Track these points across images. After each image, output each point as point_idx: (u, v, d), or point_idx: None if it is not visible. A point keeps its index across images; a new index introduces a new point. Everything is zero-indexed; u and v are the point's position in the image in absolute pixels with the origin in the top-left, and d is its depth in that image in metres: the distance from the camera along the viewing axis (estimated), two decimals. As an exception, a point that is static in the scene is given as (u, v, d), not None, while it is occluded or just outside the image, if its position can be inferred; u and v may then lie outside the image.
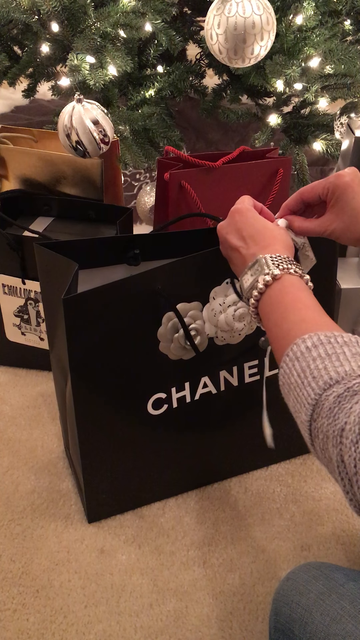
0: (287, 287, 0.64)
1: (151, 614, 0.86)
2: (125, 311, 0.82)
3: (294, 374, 0.56)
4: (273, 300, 0.64)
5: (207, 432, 0.99)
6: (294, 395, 0.56)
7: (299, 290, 0.64)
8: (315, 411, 0.53)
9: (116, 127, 1.41)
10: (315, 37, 1.36)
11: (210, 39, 1.18)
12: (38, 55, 1.51)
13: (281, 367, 0.59)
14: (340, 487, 0.52)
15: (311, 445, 0.55)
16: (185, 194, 1.15)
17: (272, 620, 0.70)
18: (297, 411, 0.56)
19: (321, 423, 0.52)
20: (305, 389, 0.55)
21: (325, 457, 0.53)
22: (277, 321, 0.63)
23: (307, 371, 0.55)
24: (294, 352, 0.57)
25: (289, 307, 0.62)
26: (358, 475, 0.48)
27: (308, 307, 0.62)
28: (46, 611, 0.86)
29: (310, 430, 0.54)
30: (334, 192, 0.74)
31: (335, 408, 0.51)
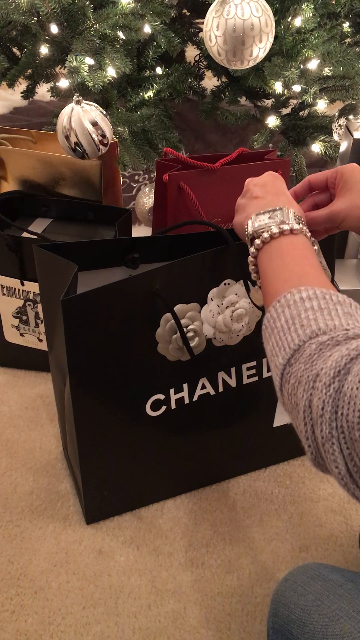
0: (299, 244, 0.64)
1: (149, 615, 0.86)
2: (124, 312, 0.82)
3: (282, 319, 0.56)
4: (282, 248, 0.64)
5: (206, 433, 0.99)
6: (276, 338, 0.56)
7: (308, 250, 0.64)
8: (294, 356, 0.53)
9: (115, 128, 1.41)
10: (313, 39, 1.36)
11: (209, 40, 1.18)
12: (37, 57, 1.51)
13: (269, 311, 0.59)
14: (302, 434, 0.51)
15: (279, 390, 0.55)
16: (184, 196, 1.15)
17: (271, 621, 0.70)
18: (274, 354, 0.56)
19: (297, 368, 0.53)
20: (290, 334, 0.55)
21: (292, 402, 0.53)
22: (278, 267, 0.63)
23: (296, 319, 0.55)
24: (286, 299, 0.57)
25: (295, 259, 0.63)
26: (324, 417, 0.48)
27: (312, 265, 0.62)
28: (44, 612, 0.86)
29: (283, 375, 0.54)
30: (342, 175, 0.76)
31: (315, 355, 0.51)
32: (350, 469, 0.47)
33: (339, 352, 0.50)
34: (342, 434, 0.47)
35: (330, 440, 0.48)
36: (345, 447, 0.47)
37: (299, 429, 0.52)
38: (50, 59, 1.50)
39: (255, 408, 0.99)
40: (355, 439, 0.46)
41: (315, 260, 0.63)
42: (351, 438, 0.46)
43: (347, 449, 0.47)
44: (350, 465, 0.47)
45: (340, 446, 0.47)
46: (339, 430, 0.47)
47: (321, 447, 0.49)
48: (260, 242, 0.66)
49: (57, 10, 1.31)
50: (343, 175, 0.76)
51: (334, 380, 0.48)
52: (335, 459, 0.48)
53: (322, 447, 0.49)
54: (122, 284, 0.80)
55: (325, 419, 0.48)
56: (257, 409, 1.00)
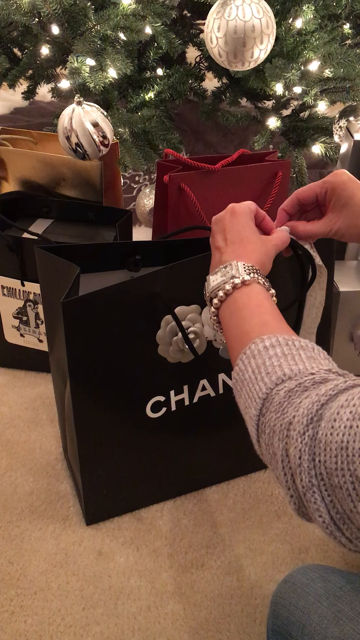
0: (253, 293, 0.65)
1: (149, 617, 0.86)
2: (124, 314, 0.82)
3: (249, 370, 0.57)
4: (238, 303, 0.65)
5: (206, 435, 0.99)
6: (246, 390, 0.56)
7: (264, 298, 0.65)
8: (265, 405, 0.53)
9: (116, 129, 1.41)
10: (314, 40, 1.36)
11: (210, 42, 1.18)
12: (38, 58, 1.51)
13: (236, 365, 0.59)
14: (282, 484, 0.51)
15: (257, 442, 0.55)
16: (185, 197, 1.15)
17: (270, 622, 0.70)
18: (247, 407, 0.56)
19: (269, 417, 0.52)
20: (257, 384, 0.55)
21: (270, 452, 0.52)
22: (238, 322, 0.63)
23: (261, 367, 0.56)
24: (251, 350, 0.58)
25: (252, 311, 0.63)
26: (302, 467, 0.48)
27: (270, 313, 0.63)
28: (44, 613, 0.86)
29: (258, 425, 0.54)
30: (334, 190, 0.74)
31: (285, 402, 0.51)
32: (333, 517, 0.47)
33: (309, 399, 0.49)
34: (322, 481, 0.47)
35: (311, 490, 0.47)
36: (326, 495, 0.47)
37: (279, 479, 0.51)
38: (51, 60, 1.50)
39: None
40: (335, 485, 0.45)
41: (272, 307, 0.64)
42: (331, 484, 0.46)
43: (328, 496, 0.47)
44: (333, 513, 0.47)
45: (321, 494, 0.47)
46: (319, 477, 0.47)
47: (303, 496, 0.48)
48: (217, 302, 0.67)
49: (58, 11, 1.31)
50: (334, 190, 0.74)
51: (308, 427, 0.48)
52: (318, 507, 0.47)
53: (304, 497, 0.48)
54: (123, 286, 0.81)
55: (303, 467, 0.48)
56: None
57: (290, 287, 0.91)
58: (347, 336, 1.20)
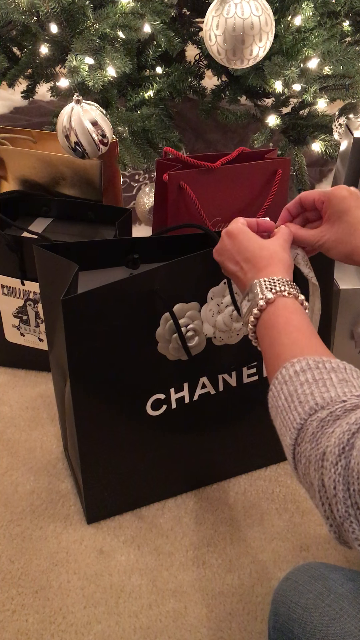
0: (279, 310, 0.65)
1: (150, 615, 0.86)
2: (124, 312, 0.82)
3: (282, 397, 0.57)
4: (266, 324, 0.65)
5: (206, 432, 0.99)
6: (281, 418, 0.57)
7: (292, 313, 0.64)
8: (300, 436, 0.54)
9: (115, 128, 1.41)
10: (314, 38, 1.36)
11: (209, 40, 1.18)
12: (37, 57, 1.51)
13: (270, 390, 0.60)
14: (321, 513, 0.51)
15: (294, 469, 0.55)
16: (184, 195, 1.15)
17: (271, 620, 0.70)
18: (283, 434, 0.57)
19: (304, 447, 0.53)
20: (291, 413, 0.55)
21: (307, 482, 0.53)
22: (270, 343, 0.64)
23: (294, 395, 0.56)
24: (282, 375, 0.58)
25: (281, 330, 0.63)
26: (337, 497, 0.48)
27: (299, 329, 0.62)
28: (45, 612, 0.86)
29: (294, 455, 0.55)
30: (330, 202, 0.74)
31: (318, 433, 0.52)
32: None
33: (340, 428, 0.50)
34: (359, 510, 0.47)
35: (348, 519, 0.48)
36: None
37: (318, 508, 0.52)
38: (50, 59, 1.50)
39: (256, 407, 0.99)
40: None
41: (300, 321, 0.63)
42: None
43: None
44: None
45: (359, 523, 0.47)
46: (354, 507, 0.47)
47: (341, 526, 0.49)
48: (251, 327, 0.67)
49: (57, 9, 1.31)
50: (331, 202, 0.74)
51: (340, 457, 0.48)
52: (357, 537, 0.48)
53: (342, 527, 0.49)
54: (122, 283, 0.80)
55: (339, 498, 0.48)
56: (257, 408, 0.99)
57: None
58: (348, 334, 1.20)
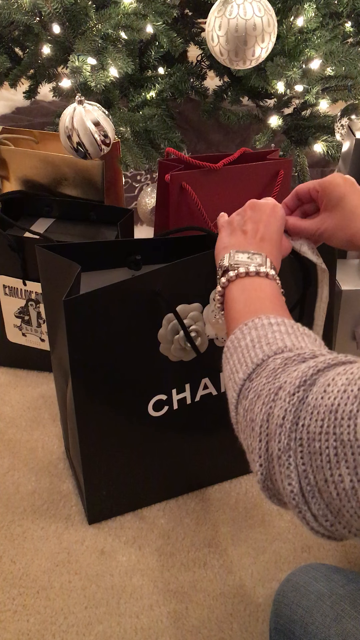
0: (272, 287, 0.65)
1: (151, 615, 0.86)
2: (126, 313, 0.82)
3: (247, 338, 0.56)
4: (254, 284, 0.65)
5: (208, 433, 0.99)
6: (239, 356, 0.55)
7: (278, 295, 0.65)
8: (256, 371, 0.52)
9: (117, 128, 1.41)
10: (316, 38, 1.36)
11: (211, 40, 1.18)
12: (39, 57, 1.51)
13: (233, 333, 0.58)
14: (253, 453, 0.49)
15: (234, 408, 0.54)
16: (186, 196, 1.15)
17: (273, 621, 0.70)
18: (234, 372, 0.55)
19: (258, 382, 0.51)
20: (254, 350, 0.54)
21: (247, 419, 0.51)
22: (248, 300, 0.63)
23: (262, 339, 0.55)
24: (254, 322, 0.57)
25: (267, 297, 0.63)
26: (283, 427, 0.46)
27: (282, 307, 0.63)
28: (46, 612, 0.86)
29: (241, 390, 0.53)
30: (325, 190, 0.75)
31: (279, 369, 0.50)
32: (303, 487, 0.45)
33: (306, 364, 0.48)
34: (301, 446, 0.45)
35: (287, 453, 0.46)
36: (301, 463, 0.45)
37: (251, 447, 0.50)
38: (52, 59, 1.50)
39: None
40: (314, 451, 0.44)
41: (284, 306, 0.64)
42: (309, 451, 0.44)
43: (302, 464, 0.45)
44: (304, 483, 0.45)
45: (296, 460, 0.45)
46: (298, 442, 0.45)
47: (275, 461, 0.47)
48: (234, 275, 0.66)
49: (59, 10, 1.31)
50: (326, 190, 0.74)
51: (299, 389, 0.47)
52: (289, 474, 0.46)
53: (277, 461, 0.46)
54: (124, 284, 0.80)
55: (285, 428, 0.46)
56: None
57: (292, 287, 0.91)
58: (349, 334, 1.20)
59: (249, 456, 0.51)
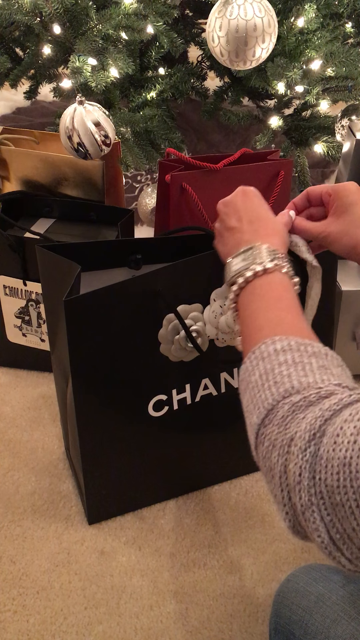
0: (274, 284, 0.63)
1: (151, 616, 0.86)
2: (126, 313, 0.82)
3: (256, 373, 0.55)
4: (256, 292, 0.63)
5: (208, 434, 0.99)
6: (251, 395, 0.55)
7: (285, 290, 0.62)
8: (268, 417, 0.52)
9: (117, 128, 1.41)
10: (316, 39, 1.36)
11: (211, 41, 1.18)
12: (40, 57, 1.51)
13: (244, 363, 0.57)
14: (277, 501, 0.49)
15: (254, 449, 0.54)
16: (187, 196, 1.15)
17: (273, 622, 0.70)
18: (249, 411, 0.54)
19: (271, 430, 0.51)
20: (264, 392, 0.53)
21: (267, 465, 0.51)
22: (253, 314, 0.61)
23: (270, 374, 0.53)
24: (261, 351, 0.55)
25: (270, 304, 0.61)
26: (302, 484, 0.46)
27: (289, 308, 0.60)
28: (46, 612, 0.86)
29: (257, 435, 0.53)
30: (337, 194, 0.74)
31: (288, 417, 0.50)
32: (333, 537, 0.45)
33: (312, 414, 0.48)
34: (322, 499, 0.45)
35: (310, 509, 0.45)
36: (326, 514, 0.45)
37: (274, 495, 0.50)
38: (53, 60, 1.50)
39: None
40: (336, 504, 0.44)
41: (292, 300, 0.61)
42: (332, 503, 0.44)
43: (327, 515, 0.45)
44: (332, 532, 0.45)
45: (321, 513, 0.45)
46: (318, 496, 0.45)
47: (300, 515, 0.47)
48: (237, 288, 0.64)
49: (60, 10, 1.31)
50: (338, 194, 0.74)
51: (310, 444, 0.46)
52: (317, 527, 0.45)
53: (302, 516, 0.46)
54: (125, 284, 0.80)
55: (303, 485, 0.46)
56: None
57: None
58: (349, 335, 1.20)
59: (274, 500, 0.51)
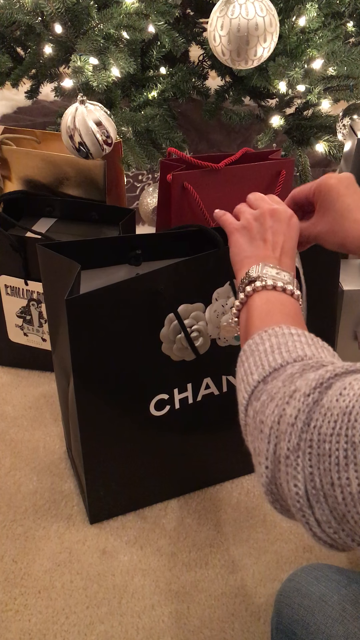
0: (290, 302, 0.63)
1: (153, 615, 0.86)
2: (128, 312, 0.82)
3: (266, 344, 0.54)
4: (282, 299, 0.63)
5: (209, 433, 0.99)
6: (255, 359, 0.54)
7: (298, 311, 0.63)
8: (272, 374, 0.51)
9: (119, 128, 1.41)
10: (318, 38, 1.36)
11: (213, 40, 1.18)
12: (41, 57, 1.51)
13: (252, 338, 0.57)
14: (260, 456, 0.48)
15: (244, 409, 0.53)
16: (188, 196, 1.15)
17: (274, 621, 0.70)
18: (248, 373, 0.54)
19: (273, 385, 0.50)
20: (272, 355, 0.53)
21: (256, 421, 0.50)
22: (272, 310, 0.61)
23: (282, 346, 0.53)
24: (274, 330, 0.55)
25: (284, 312, 0.61)
26: (295, 426, 0.45)
27: (303, 325, 0.61)
28: (48, 612, 0.86)
29: (253, 392, 0.52)
30: (319, 192, 0.72)
31: (297, 374, 0.49)
32: (308, 491, 0.44)
33: (323, 370, 0.48)
34: (310, 447, 0.44)
35: (296, 452, 0.45)
36: (308, 465, 0.44)
37: (258, 449, 0.49)
38: (54, 59, 1.50)
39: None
40: (323, 453, 0.43)
41: (303, 320, 0.62)
42: (318, 453, 0.44)
43: (310, 466, 0.44)
44: (309, 486, 0.44)
45: (304, 462, 0.45)
46: (308, 443, 0.45)
47: (283, 462, 0.46)
48: (260, 286, 0.63)
49: (61, 10, 1.31)
50: (320, 193, 0.72)
51: (314, 390, 0.46)
52: (296, 474, 0.45)
53: (285, 461, 0.46)
54: (126, 283, 0.80)
55: (296, 427, 0.46)
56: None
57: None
58: (351, 335, 1.20)
59: (255, 459, 0.50)
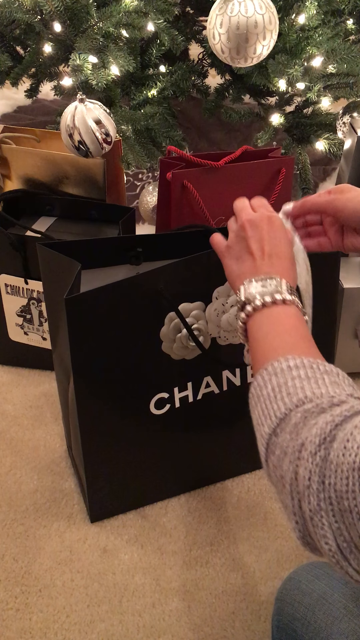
0: (290, 314, 0.63)
1: (153, 614, 0.86)
2: (128, 311, 0.82)
3: (269, 387, 0.55)
4: (273, 317, 0.63)
5: (210, 432, 0.99)
6: (262, 407, 0.55)
7: (299, 321, 0.63)
8: (280, 425, 0.52)
9: (119, 126, 1.41)
10: (317, 36, 1.36)
11: (212, 38, 1.18)
12: (40, 55, 1.51)
13: (255, 379, 0.58)
14: (287, 511, 0.49)
15: (265, 461, 0.54)
16: (188, 194, 1.15)
17: (275, 619, 0.70)
18: (260, 424, 0.55)
19: (282, 438, 0.51)
20: (276, 403, 0.53)
21: (277, 475, 0.51)
22: (268, 335, 0.62)
23: (283, 387, 0.54)
24: (274, 367, 0.56)
25: (287, 329, 0.62)
26: (311, 489, 0.46)
27: (302, 336, 0.61)
28: (49, 610, 0.86)
29: (268, 445, 0.53)
30: (340, 219, 0.72)
31: (300, 424, 0.50)
32: (340, 545, 0.45)
33: (323, 419, 0.48)
34: (331, 505, 0.45)
35: (318, 513, 0.45)
36: (334, 521, 0.45)
37: (284, 503, 0.49)
38: (53, 58, 1.50)
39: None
40: (344, 509, 0.44)
41: (305, 332, 0.62)
42: (340, 509, 0.44)
43: (335, 522, 0.45)
44: (339, 540, 0.45)
45: (329, 519, 0.45)
46: (327, 501, 0.45)
47: (309, 522, 0.46)
48: (251, 309, 0.64)
49: (60, 8, 1.31)
50: (346, 219, 0.71)
51: (320, 448, 0.46)
52: (324, 534, 0.45)
53: (311, 522, 0.46)
54: (126, 282, 0.80)
55: (312, 489, 0.46)
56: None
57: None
58: (351, 333, 1.20)
59: (284, 511, 0.51)
